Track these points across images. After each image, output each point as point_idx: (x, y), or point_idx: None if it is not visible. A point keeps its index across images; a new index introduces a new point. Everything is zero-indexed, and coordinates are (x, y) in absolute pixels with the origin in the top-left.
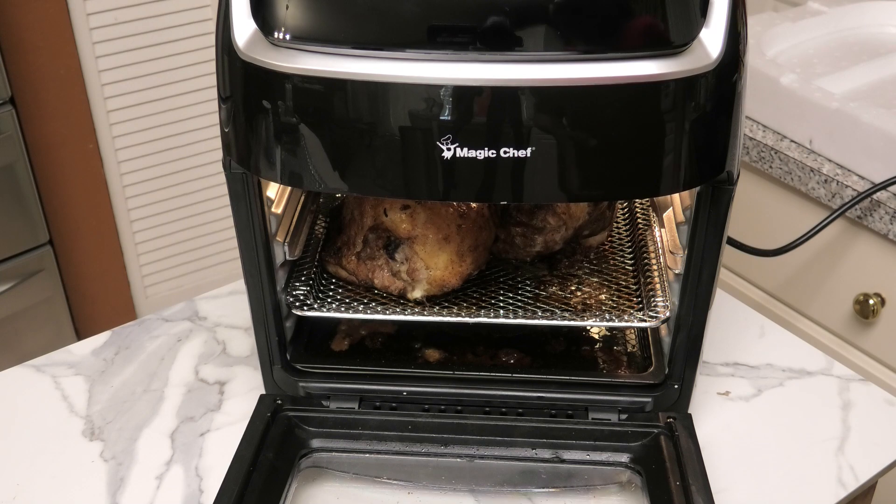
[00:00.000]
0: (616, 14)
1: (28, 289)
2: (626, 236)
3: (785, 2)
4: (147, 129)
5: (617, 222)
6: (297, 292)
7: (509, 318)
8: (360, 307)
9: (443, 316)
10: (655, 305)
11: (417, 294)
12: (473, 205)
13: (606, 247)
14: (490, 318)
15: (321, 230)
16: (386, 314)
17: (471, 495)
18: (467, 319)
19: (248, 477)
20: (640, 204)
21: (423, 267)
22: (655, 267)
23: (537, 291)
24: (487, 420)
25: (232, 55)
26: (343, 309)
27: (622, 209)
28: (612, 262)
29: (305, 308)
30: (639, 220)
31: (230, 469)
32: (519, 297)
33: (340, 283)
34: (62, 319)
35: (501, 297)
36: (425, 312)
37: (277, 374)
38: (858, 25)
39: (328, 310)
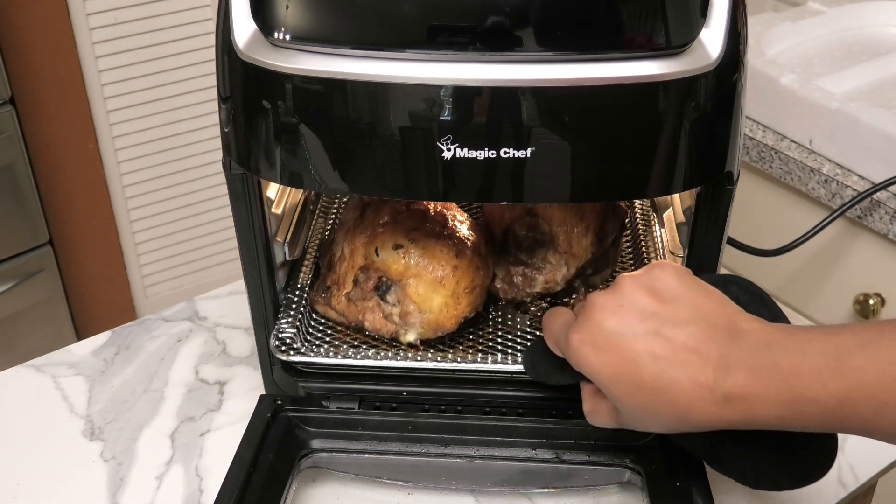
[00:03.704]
0: (616, 14)
1: (28, 289)
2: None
3: (785, 2)
4: (147, 129)
5: None
6: (284, 335)
7: (507, 363)
8: (350, 351)
9: (437, 361)
10: None
11: (410, 338)
12: (469, 242)
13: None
14: (487, 364)
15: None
16: (377, 359)
17: (471, 495)
18: (463, 366)
19: (248, 477)
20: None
21: (415, 310)
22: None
23: (538, 333)
24: (487, 420)
25: (232, 55)
26: (332, 353)
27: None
28: None
29: (292, 353)
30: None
31: (230, 469)
32: (518, 341)
33: (330, 325)
34: (62, 319)
35: (500, 340)
36: (418, 358)
37: (277, 374)
38: (858, 25)
39: (316, 354)
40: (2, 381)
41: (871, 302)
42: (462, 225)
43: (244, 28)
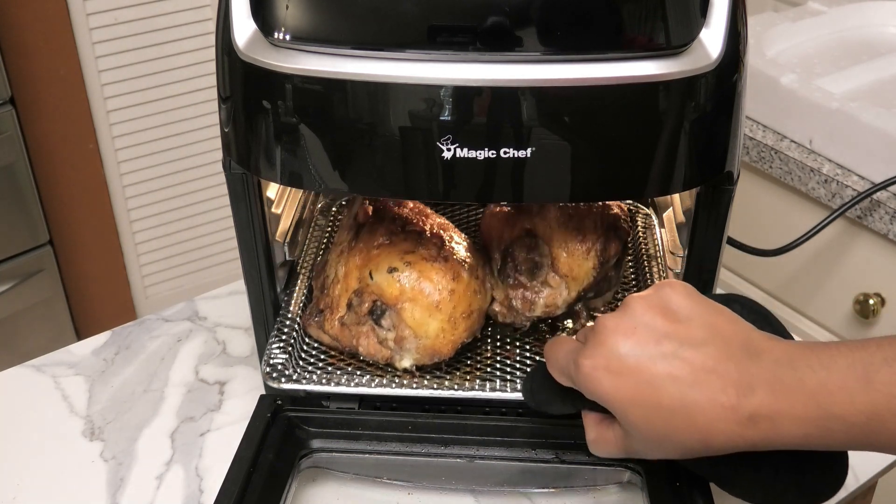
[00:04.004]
0: (616, 14)
1: (28, 289)
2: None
3: (785, 2)
4: (147, 129)
5: None
6: (275, 361)
7: (506, 390)
8: (344, 378)
9: (433, 389)
10: None
11: (406, 363)
12: (466, 265)
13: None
14: (485, 392)
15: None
16: (371, 387)
17: (471, 495)
18: (460, 394)
19: (248, 477)
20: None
21: (411, 335)
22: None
23: (538, 357)
24: (487, 420)
25: (232, 55)
26: (325, 381)
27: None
28: None
29: (283, 380)
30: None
31: (230, 469)
32: (518, 365)
33: (323, 349)
34: (62, 319)
35: (498, 365)
36: (414, 385)
37: None
38: (858, 25)
39: (308, 381)
40: (2, 381)
41: (871, 302)
42: (459, 247)
43: (244, 28)
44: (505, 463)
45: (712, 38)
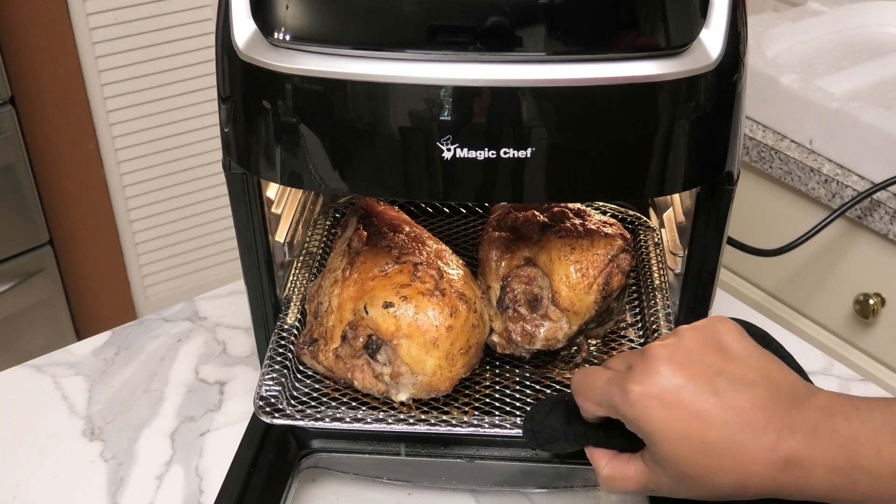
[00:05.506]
0: (616, 14)
1: (28, 289)
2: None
3: (785, 2)
4: (147, 129)
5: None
6: (269, 393)
7: (506, 426)
8: (339, 412)
9: (430, 425)
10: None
11: (402, 398)
12: (464, 299)
13: None
14: (485, 428)
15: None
16: (367, 423)
17: (471, 495)
18: (458, 430)
19: (248, 477)
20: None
21: (408, 372)
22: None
23: (537, 386)
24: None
25: (232, 55)
26: (319, 415)
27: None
28: None
29: (277, 415)
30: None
31: (230, 469)
32: (517, 396)
33: (318, 378)
34: (62, 319)
35: (497, 396)
36: (411, 420)
37: None
38: (858, 25)
39: (302, 416)
40: (2, 381)
41: (871, 302)
42: (456, 278)
43: (244, 28)
44: (505, 463)
45: (712, 38)
